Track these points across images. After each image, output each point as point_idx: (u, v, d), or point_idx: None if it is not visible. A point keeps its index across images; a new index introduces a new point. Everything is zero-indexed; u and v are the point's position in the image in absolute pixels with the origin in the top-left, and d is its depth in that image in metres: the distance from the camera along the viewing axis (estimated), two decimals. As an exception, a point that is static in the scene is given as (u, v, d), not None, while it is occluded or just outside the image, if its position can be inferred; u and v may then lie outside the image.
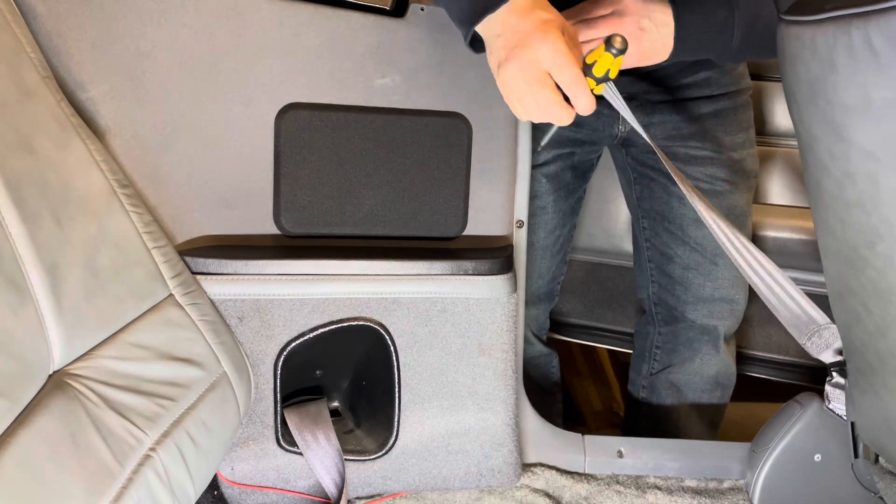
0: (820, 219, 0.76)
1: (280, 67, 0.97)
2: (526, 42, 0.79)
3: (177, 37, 0.93)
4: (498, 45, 0.81)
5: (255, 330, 1.02)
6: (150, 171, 0.96)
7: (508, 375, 1.12)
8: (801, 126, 0.70)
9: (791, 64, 0.67)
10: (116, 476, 0.73)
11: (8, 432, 0.64)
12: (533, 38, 0.79)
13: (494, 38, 0.82)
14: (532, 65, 0.79)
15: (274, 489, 1.08)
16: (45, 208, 0.75)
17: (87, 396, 0.74)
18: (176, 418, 0.84)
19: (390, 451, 1.10)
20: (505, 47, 0.81)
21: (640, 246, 1.39)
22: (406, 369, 1.08)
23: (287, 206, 1.01)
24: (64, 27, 0.90)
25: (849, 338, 0.84)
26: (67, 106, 0.86)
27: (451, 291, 1.06)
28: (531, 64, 0.79)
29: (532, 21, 0.79)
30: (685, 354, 1.38)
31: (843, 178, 0.66)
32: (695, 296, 1.33)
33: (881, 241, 0.66)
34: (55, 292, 0.73)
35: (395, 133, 1.02)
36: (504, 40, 0.81)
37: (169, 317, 0.90)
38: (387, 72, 1.00)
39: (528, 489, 1.14)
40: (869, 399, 0.87)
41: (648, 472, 1.18)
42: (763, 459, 1.10)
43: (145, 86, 0.94)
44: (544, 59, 0.79)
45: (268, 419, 1.05)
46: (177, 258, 0.95)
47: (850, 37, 0.57)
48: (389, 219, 1.05)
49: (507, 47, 0.81)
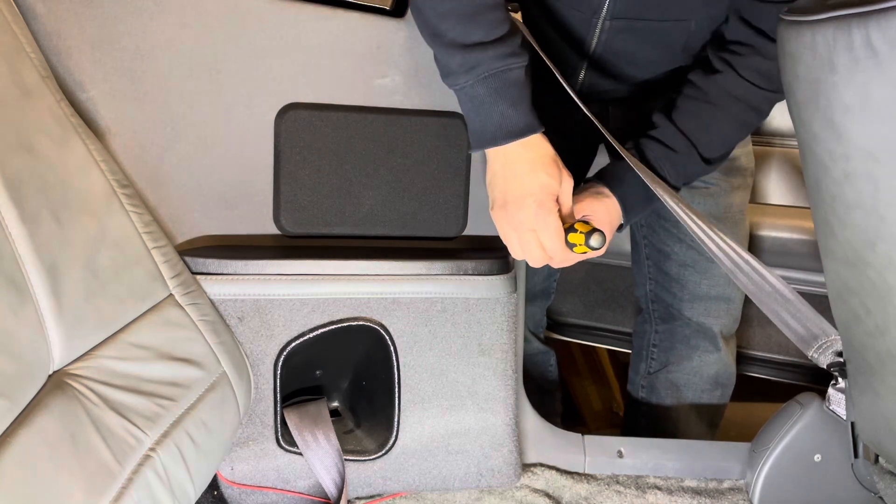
0: (820, 219, 0.76)
1: (280, 67, 0.97)
2: (522, 203, 0.87)
3: (177, 37, 0.93)
4: (497, 183, 0.89)
5: (255, 330, 1.02)
6: (150, 171, 0.96)
7: (508, 375, 1.12)
8: (801, 126, 0.70)
9: (791, 64, 0.67)
10: (116, 476, 0.73)
11: (8, 432, 0.64)
12: (527, 204, 0.87)
13: (497, 170, 0.89)
14: (523, 224, 0.88)
15: (274, 489, 1.07)
16: (45, 208, 0.75)
17: (87, 396, 0.74)
18: (176, 418, 0.84)
19: (390, 451, 1.10)
20: (503, 193, 0.89)
21: (638, 243, 1.39)
22: (406, 369, 1.08)
23: (287, 206, 1.01)
24: (64, 27, 0.90)
25: (848, 338, 0.84)
26: (67, 106, 0.86)
27: (451, 291, 1.06)
28: (522, 224, 0.88)
29: (535, 183, 0.87)
30: (683, 353, 1.38)
31: (843, 178, 0.66)
32: (691, 293, 1.33)
33: (881, 241, 0.66)
34: (55, 292, 0.73)
35: (395, 133, 1.02)
36: (503, 184, 0.89)
37: (169, 317, 0.90)
38: (387, 72, 1.00)
39: (528, 489, 1.14)
40: (869, 399, 0.87)
41: (648, 472, 1.18)
42: (763, 459, 1.10)
43: (145, 86, 0.94)
44: (535, 226, 0.87)
45: (268, 419, 1.05)
46: (177, 258, 0.95)
47: (850, 37, 0.57)
48: (389, 219, 1.05)
49: (504, 193, 0.89)
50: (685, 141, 1.01)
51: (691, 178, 1.04)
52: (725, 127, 1.03)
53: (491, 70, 0.86)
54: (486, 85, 0.86)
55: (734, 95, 1.00)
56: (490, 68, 0.86)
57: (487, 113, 0.87)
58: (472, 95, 0.88)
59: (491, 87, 0.86)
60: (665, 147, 1.01)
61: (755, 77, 0.98)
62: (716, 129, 1.02)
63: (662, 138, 1.01)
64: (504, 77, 0.86)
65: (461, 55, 0.86)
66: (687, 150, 1.01)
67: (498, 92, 0.86)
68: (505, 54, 0.86)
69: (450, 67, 0.88)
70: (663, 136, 1.01)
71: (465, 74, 0.87)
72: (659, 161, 0.99)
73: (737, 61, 0.99)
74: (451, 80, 0.89)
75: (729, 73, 0.99)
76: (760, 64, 0.97)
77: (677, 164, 1.01)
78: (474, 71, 0.86)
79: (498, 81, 0.86)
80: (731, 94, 1.00)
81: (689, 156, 1.01)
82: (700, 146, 1.01)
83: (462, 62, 0.86)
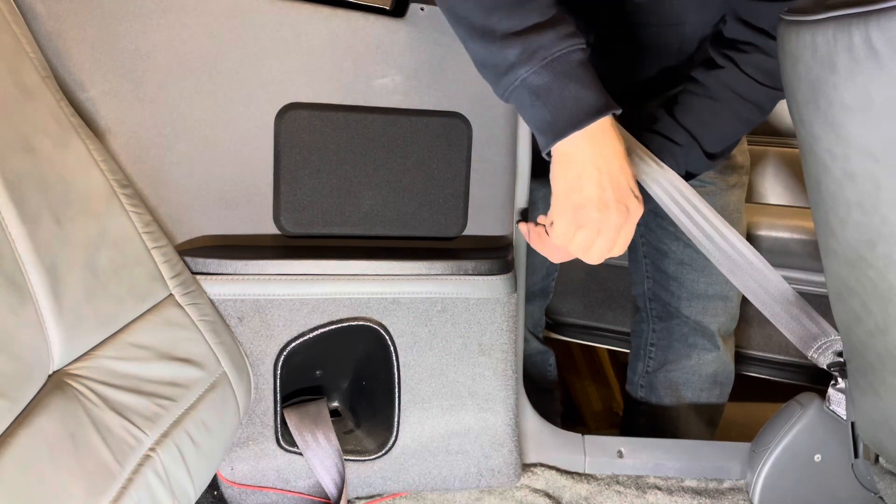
0: (820, 219, 0.76)
1: (280, 67, 0.97)
2: (627, 197, 0.82)
3: (177, 37, 0.93)
4: (590, 176, 0.81)
5: (255, 330, 1.02)
6: (150, 171, 0.96)
7: (508, 375, 1.12)
8: (801, 126, 0.70)
9: (791, 64, 0.67)
10: (116, 476, 0.73)
11: (8, 432, 0.64)
12: (633, 200, 0.83)
13: (586, 161, 0.81)
14: (605, 245, 0.83)
15: (274, 489, 1.07)
16: (45, 208, 0.75)
17: (87, 396, 0.74)
18: (176, 418, 0.84)
19: (390, 452, 1.10)
20: (600, 188, 0.81)
21: (636, 242, 1.39)
22: (406, 369, 1.08)
23: (287, 206, 1.01)
24: (64, 27, 0.90)
25: (849, 338, 0.84)
26: (67, 106, 0.86)
27: (451, 291, 1.06)
28: (605, 244, 0.83)
29: (629, 176, 0.82)
30: (681, 351, 1.38)
31: (843, 178, 0.66)
32: (689, 291, 1.33)
33: (881, 241, 0.66)
34: (55, 292, 0.73)
35: (395, 133, 1.02)
36: (598, 177, 0.81)
37: (169, 317, 0.90)
38: (387, 72, 1.00)
39: (528, 489, 1.14)
40: (869, 399, 0.87)
41: (648, 472, 1.18)
42: (763, 459, 1.09)
43: (145, 86, 0.94)
44: (615, 246, 0.84)
45: (268, 419, 1.05)
46: (177, 258, 0.95)
47: (850, 37, 0.57)
48: (389, 219, 1.05)
49: (602, 189, 0.81)
50: (686, 134, 1.00)
51: (694, 172, 1.04)
52: (727, 122, 1.02)
53: (553, 53, 0.78)
54: (551, 70, 0.79)
55: (736, 91, 0.99)
56: (552, 52, 0.78)
57: (557, 100, 0.79)
58: (537, 86, 0.79)
59: (556, 71, 0.79)
60: (665, 139, 1.00)
61: (757, 73, 0.98)
62: (717, 123, 1.02)
63: (662, 130, 1.01)
64: (568, 59, 0.79)
65: (519, 43, 0.78)
66: (688, 143, 1.00)
67: (566, 75, 0.79)
68: (564, 35, 0.79)
69: (507, 62, 0.80)
70: (663, 128, 1.01)
71: (525, 64, 0.79)
72: (660, 154, 0.98)
73: (739, 57, 0.99)
74: (510, 77, 0.80)
75: (731, 68, 0.99)
76: (762, 61, 0.97)
77: (678, 156, 1.00)
78: (536, 56, 0.78)
79: (563, 64, 0.79)
80: (732, 90, 0.99)
81: (690, 149, 1.01)
82: (702, 140, 1.01)
83: (521, 50, 0.78)
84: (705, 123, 1.01)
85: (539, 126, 0.82)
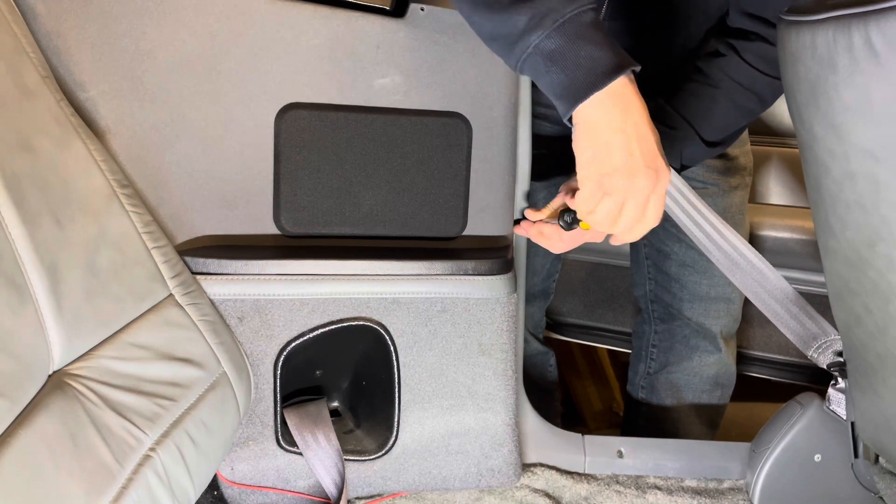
0: (820, 219, 0.76)
1: (280, 67, 0.97)
2: (656, 162, 0.78)
3: (177, 37, 0.93)
4: (617, 141, 0.78)
5: (255, 330, 1.02)
6: (150, 171, 0.96)
7: (508, 375, 1.12)
8: (801, 126, 0.70)
9: (791, 64, 0.67)
10: (116, 476, 0.73)
11: (8, 432, 0.64)
12: (662, 165, 0.79)
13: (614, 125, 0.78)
14: (634, 214, 0.80)
15: (274, 489, 1.07)
16: (45, 208, 0.75)
17: (87, 396, 0.74)
18: (176, 418, 0.84)
19: (390, 451, 1.10)
20: (627, 152, 0.78)
21: (638, 243, 1.39)
22: (406, 369, 1.08)
23: (287, 206, 1.01)
24: (64, 27, 0.90)
25: (849, 338, 0.84)
26: (67, 106, 0.86)
27: (451, 291, 1.06)
28: (635, 213, 0.80)
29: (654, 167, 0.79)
30: (682, 353, 1.38)
31: (843, 178, 0.66)
32: (691, 293, 1.33)
33: (881, 241, 0.66)
34: (55, 292, 0.73)
35: (395, 133, 1.02)
36: (626, 143, 0.77)
37: (169, 317, 0.90)
38: (387, 72, 1.00)
39: (528, 489, 1.14)
40: (869, 399, 0.87)
41: (648, 473, 1.18)
42: (763, 459, 1.10)
43: (145, 86, 0.94)
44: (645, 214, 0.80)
45: (268, 419, 1.05)
46: (177, 258, 0.95)
47: (850, 37, 0.57)
48: (389, 219, 1.05)
49: (630, 153, 0.78)
50: (682, 121, 1.00)
51: (692, 159, 1.03)
52: (725, 110, 1.02)
53: (564, 15, 0.76)
54: (563, 32, 0.76)
55: (735, 80, 0.99)
56: (563, 13, 0.76)
57: (573, 62, 0.76)
58: (550, 51, 0.77)
59: (569, 33, 0.76)
60: (660, 125, 0.99)
61: (758, 62, 0.98)
62: (715, 111, 1.01)
63: (658, 117, 1.00)
64: (579, 20, 0.77)
65: (527, 8, 0.77)
66: (684, 129, 1.00)
67: (579, 36, 0.76)
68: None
69: (516, 29, 0.77)
70: (658, 115, 1.00)
71: (536, 29, 0.77)
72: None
73: (741, 45, 0.98)
74: (522, 45, 0.78)
75: (732, 56, 0.99)
76: (764, 49, 0.97)
77: (675, 142, 1.00)
78: (546, 20, 0.76)
79: (575, 26, 0.76)
80: (732, 78, 0.99)
81: (686, 135, 1.00)
82: (699, 127, 1.00)
83: (531, 15, 0.76)
84: (703, 109, 1.00)
85: (556, 92, 0.79)
